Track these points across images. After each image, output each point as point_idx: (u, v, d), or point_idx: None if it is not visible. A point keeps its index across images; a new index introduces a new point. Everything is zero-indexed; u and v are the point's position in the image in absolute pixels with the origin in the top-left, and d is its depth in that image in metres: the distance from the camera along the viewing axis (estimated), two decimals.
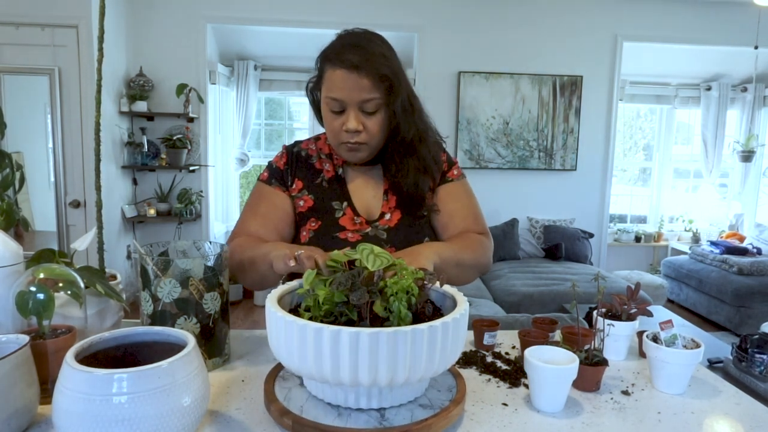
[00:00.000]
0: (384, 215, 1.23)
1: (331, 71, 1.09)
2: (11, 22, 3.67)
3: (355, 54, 1.07)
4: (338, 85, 1.08)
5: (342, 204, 1.23)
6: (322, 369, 0.72)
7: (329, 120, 1.14)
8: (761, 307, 4.18)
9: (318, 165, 1.27)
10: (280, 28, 4.50)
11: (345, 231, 1.19)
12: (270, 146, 5.42)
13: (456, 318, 0.77)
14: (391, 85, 1.10)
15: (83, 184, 3.85)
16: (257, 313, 4.48)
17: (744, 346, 1.22)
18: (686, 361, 0.94)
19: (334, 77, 1.08)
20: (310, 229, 1.20)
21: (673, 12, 4.80)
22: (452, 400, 0.83)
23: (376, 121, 1.13)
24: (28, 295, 0.87)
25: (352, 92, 1.08)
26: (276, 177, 1.26)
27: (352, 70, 1.06)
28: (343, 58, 1.07)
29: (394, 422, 0.77)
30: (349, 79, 1.07)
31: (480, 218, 1.29)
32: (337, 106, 1.11)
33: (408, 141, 1.18)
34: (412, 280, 0.81)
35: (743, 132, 5.39)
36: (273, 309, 0.78)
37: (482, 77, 4.74)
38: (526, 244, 4.83)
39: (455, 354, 0.80)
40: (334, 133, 1.15)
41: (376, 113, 1.12)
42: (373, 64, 1.07)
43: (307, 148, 1.29)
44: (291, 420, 0.77)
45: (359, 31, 1.14)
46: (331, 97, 1.10)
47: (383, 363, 0.71)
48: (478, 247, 1.21)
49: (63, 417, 0.66)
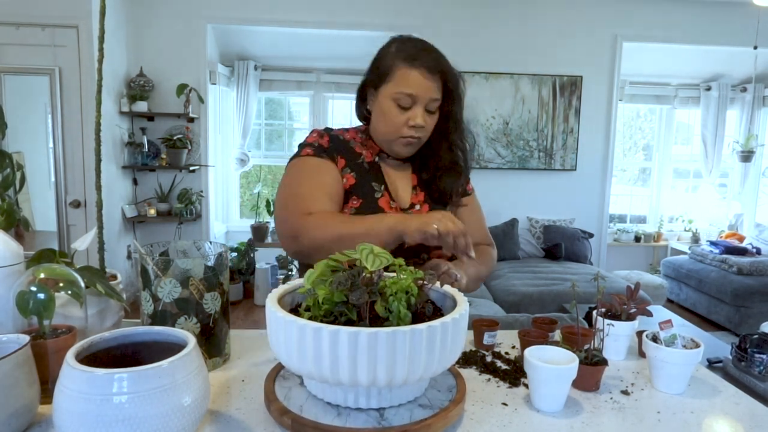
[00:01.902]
0: (414, 206, 1.30)
1: (406, 69, 1.17)
2: (11, 22, 3.67)
3: (431, 58, 1.18)
4: (414, 83, 1.17)
5: (381, 186, 1.27)
6: (321, 369, 0.73)
7: (394, 114, 1.20)
8: (761, 307, 4.18)
9: (357, 149, 1.30)
10: (280, 28, 4.50)
11: (383, 213, 1.22)
12: (270, 146, 5.42)
13: (456, 318, 0.77)
14: (453, 90, 1.23)
15: (83, 184, 3.85)
16: (257, 313, 4.48)
17: (743, 345, 1.22)
18: (686, 360, 0.94)
19: (410, 75, 1.17)
20: (352, 207, 1.23)
21: (673, 12, 4.80)
22: (452, 400, 0.83)
23: (434, 120, 1.23)
24: (29, 294, 0.87)
25: (426, 91, 1.18)
26: (323, 151, 1.26)
27: (429, 71, 1.17)
28: (420, 59, 1.17)
29: (393, 422, 0.78)
30: (425, 79, 1.17)
31: (486, 230, 1.41)
32: (408, 101, 1.18)
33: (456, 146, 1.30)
34: (411, 280, 0.81)
35: (743, 132, 5.39)
36: (273, 308, 0.78)
37: (482, 77, 4.74)
38: (526, 244, 4.83)
39: (455, 354, 0.79)
40: (396, 127, 1.21)
41: (435, 113, 1.23)
42: (448, 69, 1.21)
43: (342, 135, 1.32)
44: (290, 419, 0.77)
45: (418, 38, 1.24)
46: (404, 92, 1.18)
47: (382, 363, 0.71)
48: (491, 261, 1.36)
49: (63, 417, 0.66)
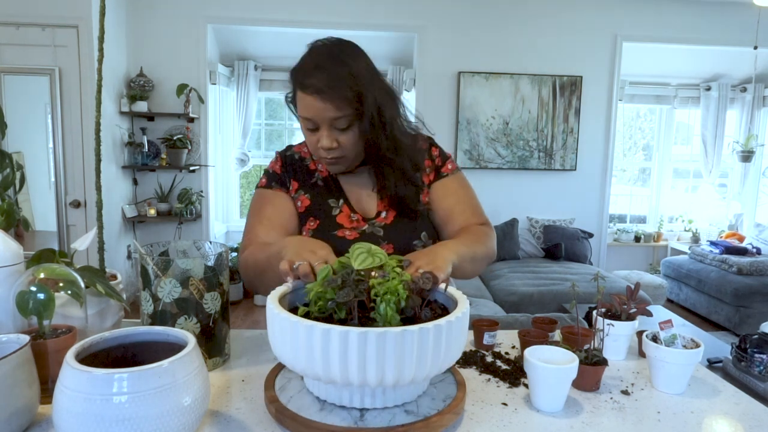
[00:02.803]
0: (380, 213, 1.24)
1: (300, 92, 1.10)
2: (12, 22, 3.67)
3: (320, 78, 1.07)
4: (307, 108, 1.10)
5: (338, 202, 1.24)
6: (314, 367, 0.73)
7: (307, 136, 1.17)
8: (761, 307, 4.18)
9: (312, 166, 1.28)
10: (280, 28, 4.50)
11: (343, 229, 1.20)
12: (270, 146, 5.42)
13: (451, 321, 0.74)
14: (353, 103, 1.09)
15: (83, 184, 3.85)
16: (257, 313, 4.48)
17: (743, 346, 1.23)
18: (686, 360, 0.94)
19: (304, 99, 1.10)
20: (309, 229, 1.21)
21: (673, 12, 4.80)
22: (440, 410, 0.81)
23: (350, 136, 1.13)
24: (29, 294, 0.87)
25: (320, 114, 1.09)
26: (275, 180, 1.27)
27: (317, 94, 1.07)
28: (307, 83, 1.08)
29: (369, 424, 0.77)
30: (316, 102, 1.08)
31: (478, 209, 1.28)
32: (311, 124, 1.13)
33: (382, 154, 1.18)
34: (398, 282, 0.80)
35: (743, 132, 5.39)
36: (271, 306, 0.79)
37: (482, 77, 4.74)
38: (526, 244, 4.83)
39: (450, 358, 0.77)
40: (313, 148, 1.17)
41: (350, 128, 1.12)
42: (336, 89, 1.07)
43: (300, 151, 1.31)
44: (275, 408, 0.79)
45: (328, 46, 1.13)
46: (303, 116, 1.12)
47: (371, 363, 0.71)
48: (486, 239, 1.21)
49: (63, 417, 0.66)
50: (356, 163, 1.22)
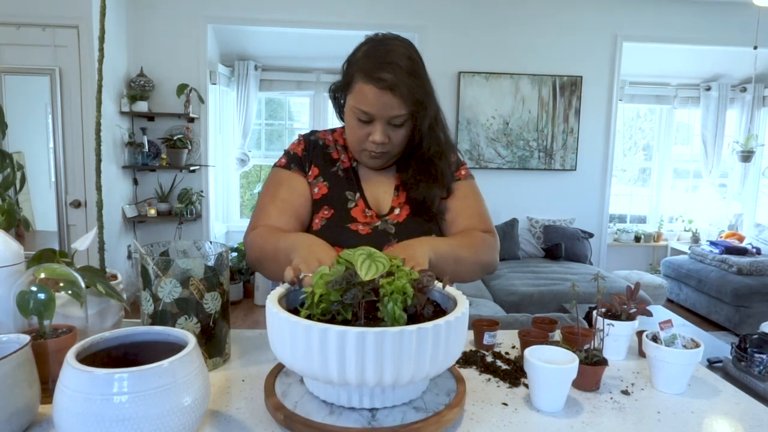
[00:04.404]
0: (393, 210, 1.24)
1: (362, 84, 1.09)
2: (12, 22, 3.67)
3: (390, 73, 1.07)
4: (369, 101, 1.09)
5: (355, 195, 1.24)
6: (312, 366, 0.73)
7: (354, 128, 1.15)
8: (761, 307, 4.18)
9: (335, 155, 1.28)
10: (280, 28, 4.50)
11: (356, 223, 1.20)
12: (270, 146, 5.42)
13: (449, 321, 0.74)
14: (421, 105, 1.11)
15: (84, 184, 3.85)
16: (257, 313, 4.48)
17: (743, 345, 1.23)
18: (686, 360, 0.94)
19: (366, 91, 1.08)
20: (322, 217, 1.21)
21: (672, 12, 4.80)
22: (448, 404, 0.82)
23: (402, 134, 1.15)
24: (29, 294, 0.87)
25: (383, 109, 1.09)
26: (295, 162, 1.25)
27: (386, 89, 1.07)
28: (377, 76, 1.07)
29: (383, 423, 0.77)
30: (382, 97, 1.08)
31: (485, 217, 1.28)
32: (366, 117, 1.12)
33: (428, 156, 1.20)
34: (407, 281, 0.80)
35: (743, 132, 5.39)
36: (271, 306, 0.79)
37: (482, 77, 4.74)
38: (526, 244, 4.83)
39: (450, 358, 0.77)
40: (359, 141, 1.17)
41: (403, 126, 1.14)
42: (406, 87, 1.08)
43: (324, 138, 1.30)
44: (283, 415, 0.78)
45: (391, 41, 1.14)
46: (360, 109, 1.11)
47: (370, 363, 0.70)
48: (481, 245, 1.17)
49: (64, 417, 0.66)
50: (393, 161, 1.24)
